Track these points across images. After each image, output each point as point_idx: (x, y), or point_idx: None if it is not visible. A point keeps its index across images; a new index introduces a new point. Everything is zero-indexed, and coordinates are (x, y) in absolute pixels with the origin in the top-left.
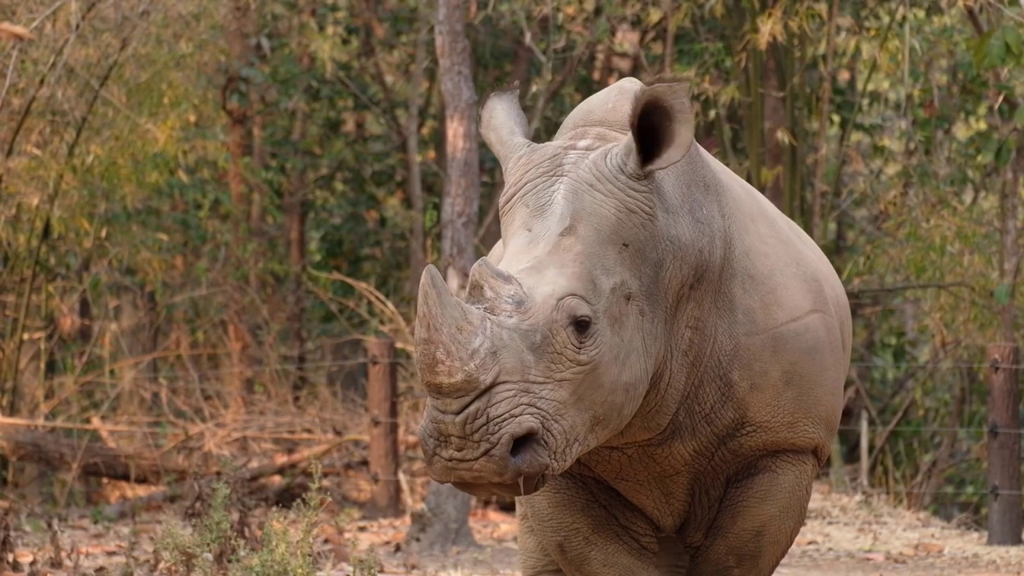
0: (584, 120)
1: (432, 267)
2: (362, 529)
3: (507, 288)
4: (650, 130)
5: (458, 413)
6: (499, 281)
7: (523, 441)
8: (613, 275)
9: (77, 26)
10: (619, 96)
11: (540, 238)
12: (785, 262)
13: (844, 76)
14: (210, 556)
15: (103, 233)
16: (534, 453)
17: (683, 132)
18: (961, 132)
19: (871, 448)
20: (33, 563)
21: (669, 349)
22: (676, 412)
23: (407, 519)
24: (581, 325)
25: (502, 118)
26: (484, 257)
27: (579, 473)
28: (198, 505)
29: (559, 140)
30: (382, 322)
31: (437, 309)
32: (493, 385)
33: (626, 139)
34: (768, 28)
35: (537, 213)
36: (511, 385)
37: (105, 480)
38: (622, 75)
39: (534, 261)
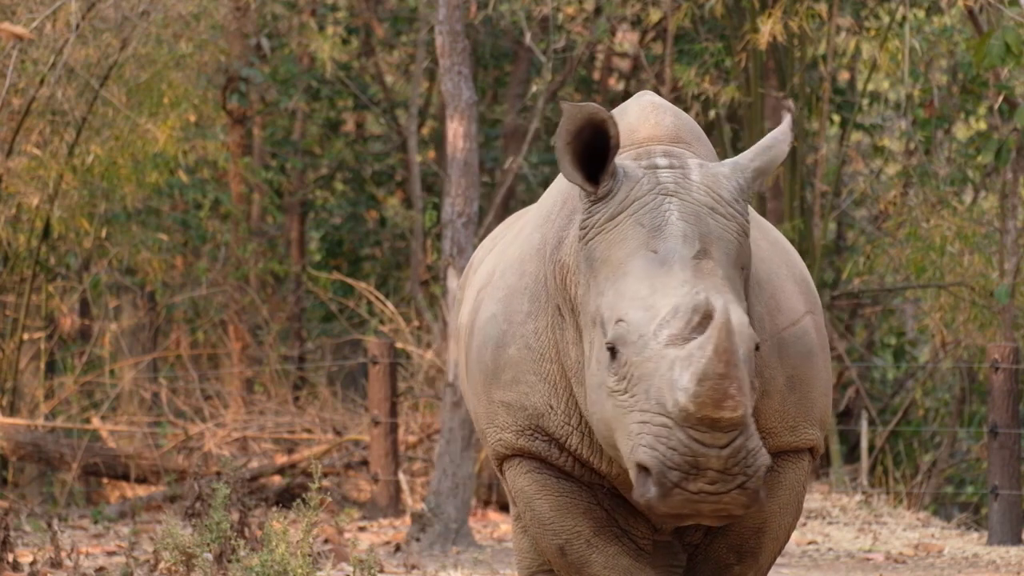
0: (628, 139)
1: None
2: (362, 529)
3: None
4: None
5: (724, 447)
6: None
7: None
8: (743, 300)
9: (77, 26)
10: (655, 111)
11: (672, 260)
12: (778, 264)
13: (844, 76)
14: (210, 556)
15: (103, 233)
16: (764, 481)
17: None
18: (961, 132)
19: (871, 448)
20: (33, 563)
21: None
22: None
23: (407, 519)
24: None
25: None
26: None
27: (581, 478)
28: (198, 505)
29: (628, 160)
30: (382, 322)
31: (736, 344)
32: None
33: (735, 162)
34: (768, 28)
35: (655, 233)
36: (751, 418)
37: (105, 480)
38: (622, 75)
39: (700, 285)
